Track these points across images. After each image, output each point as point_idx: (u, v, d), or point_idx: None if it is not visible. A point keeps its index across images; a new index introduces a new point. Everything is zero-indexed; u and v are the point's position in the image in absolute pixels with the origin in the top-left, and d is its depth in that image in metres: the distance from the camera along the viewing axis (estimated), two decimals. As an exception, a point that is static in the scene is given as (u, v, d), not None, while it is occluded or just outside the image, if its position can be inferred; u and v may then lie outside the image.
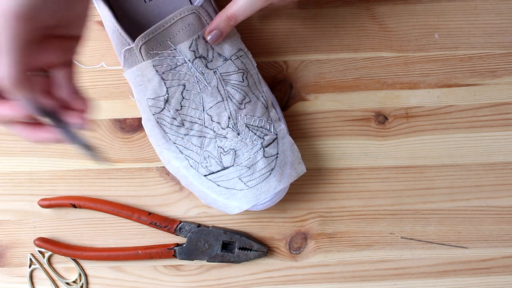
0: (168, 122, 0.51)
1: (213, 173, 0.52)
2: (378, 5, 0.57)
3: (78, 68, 0.57)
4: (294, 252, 0.56)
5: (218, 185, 0.52)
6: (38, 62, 0.39)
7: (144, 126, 0.54)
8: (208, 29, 0.50)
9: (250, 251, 0.55)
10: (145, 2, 0.53)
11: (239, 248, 0.55)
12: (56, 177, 0.57)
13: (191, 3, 0.54)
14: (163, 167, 0.56)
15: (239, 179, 0.51)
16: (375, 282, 0.56)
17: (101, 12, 0.53)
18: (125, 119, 0.57)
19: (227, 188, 0.52)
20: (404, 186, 0.56)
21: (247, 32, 0.57)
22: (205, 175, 0.52)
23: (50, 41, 0.39)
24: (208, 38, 0.50)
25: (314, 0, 0.57)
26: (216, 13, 0.51)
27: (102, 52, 0.57)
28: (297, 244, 0.56)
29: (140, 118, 0.56)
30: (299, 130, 0.57)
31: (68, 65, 0.41)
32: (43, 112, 0.39)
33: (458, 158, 0.57)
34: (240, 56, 0.52)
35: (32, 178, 0.57)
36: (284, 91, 0.57)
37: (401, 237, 0.56)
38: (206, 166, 0.52)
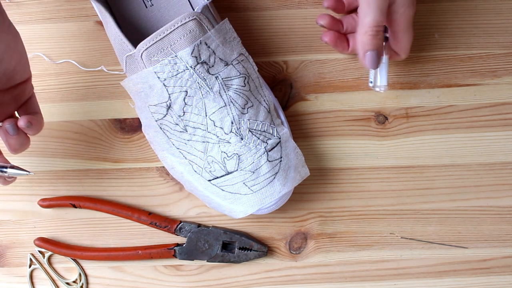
0: (171, 128, 0.51)
1: (217, 178, 0.52)
2: (378, 5, 0.57)
3: (78, 69, 0.57)
4: (294, 252, 0.56)
5: (222, 190, 0.52)
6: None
7: (145, 133, 0.54)
8: (361, 52, 0.48)
9: (250, 251, 0.55)
10: (146, 7, 0.53)
11: (239, 248, 0.55)
12: (56, 177, 0.57)
13: (193, 9, 0.54)
14: (163, 167, 0.56)
15: (244, 183, 0.51)
16: (375, 282, 0.56)
17: (103, 18, 0.53)
18: (125, 119, 0.57)
19: (232, 193, 0.52)
20: (404, 186, 0.56)
21: (247, 32, 0.57)
22: (209, 180, 0.52)
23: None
24: (366, 62, 0.48)
25: (314, 0, 0.57)
26: (216, 20, 0.51)
27: (102, 51, 0.57)
28: (297, 244, 0.56)
29: (140, 118, 0.56)
30: (299, 130, 0.57)
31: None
32: None
33: (458, 158, 0.57)
34: (241, 61, 0.51)
35: (32, 178, 0.57)
36: (284, 91, 0.57)
37: (401, 237, 0.56)
38: (210, 171, 0.52)
